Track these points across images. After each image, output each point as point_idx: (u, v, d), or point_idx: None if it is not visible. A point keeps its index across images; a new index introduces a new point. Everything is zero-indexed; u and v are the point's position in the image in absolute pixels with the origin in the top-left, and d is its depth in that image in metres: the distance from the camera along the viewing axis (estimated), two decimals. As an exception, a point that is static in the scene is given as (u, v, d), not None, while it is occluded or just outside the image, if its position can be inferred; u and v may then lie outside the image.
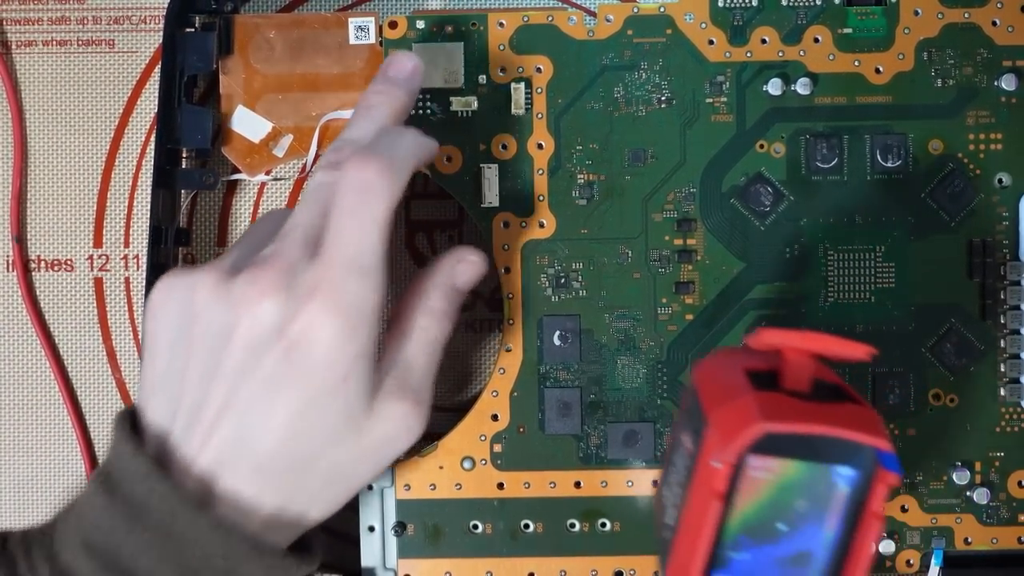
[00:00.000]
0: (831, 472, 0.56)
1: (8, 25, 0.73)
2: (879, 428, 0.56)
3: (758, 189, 0.69)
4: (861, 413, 0.57)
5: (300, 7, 0.73)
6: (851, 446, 0.55)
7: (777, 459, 0.55)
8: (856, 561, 0.56)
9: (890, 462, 0.56)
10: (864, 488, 0.56)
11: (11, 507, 0.73)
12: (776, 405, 0.56)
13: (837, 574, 0.57)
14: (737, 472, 0.55)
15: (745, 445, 0.55)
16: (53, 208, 0.73)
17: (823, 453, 0.56)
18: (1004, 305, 0.70)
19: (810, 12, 0.69)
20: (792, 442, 0.55)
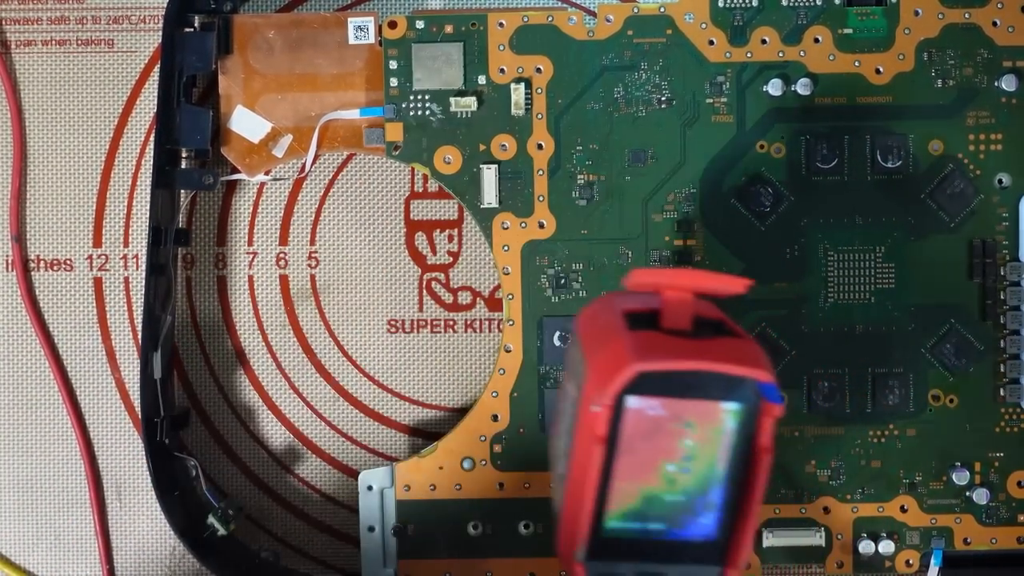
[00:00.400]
0: (716, 409, 0.55)
1: (7, 25, 0.72)
2: (759, 360, 0.55)
3: (758, 190, 0.69)
4: (741, 347, 0.56)
5: (299, 7, 0.73)
6: (732, 381, 0.54)
7: (658, 399, 0.54)
8: (750, 498, 0.55)
9: (771, 393, 0.54)
10: (752, 423, 0.55)
11: (11, 507, 0.73)
12: (651, 344, 0.55)
13: (732, 513, 0.56)
14: (618, 415, 0.55)
15: (620, 386, 0.54)
16: (52, 208, 0.73)
17: (705, 390, 0.55)
18: (1004, 306, 0.70)
19: (810, 12, 0.69)
20: (672, 381, 0.54)
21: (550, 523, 0.70)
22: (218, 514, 0.71)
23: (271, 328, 0.73)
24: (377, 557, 0.70)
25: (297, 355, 0.73)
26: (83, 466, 0.73)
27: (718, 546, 0.56)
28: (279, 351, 0.73)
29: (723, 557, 0.56)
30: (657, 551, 0.56)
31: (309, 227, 0.73)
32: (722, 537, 0.56)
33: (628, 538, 0.56)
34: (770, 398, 0.55)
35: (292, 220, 0.73)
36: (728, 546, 0.56)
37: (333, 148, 0.71)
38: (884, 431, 0.70)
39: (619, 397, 0.54)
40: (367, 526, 0.70)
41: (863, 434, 0.70)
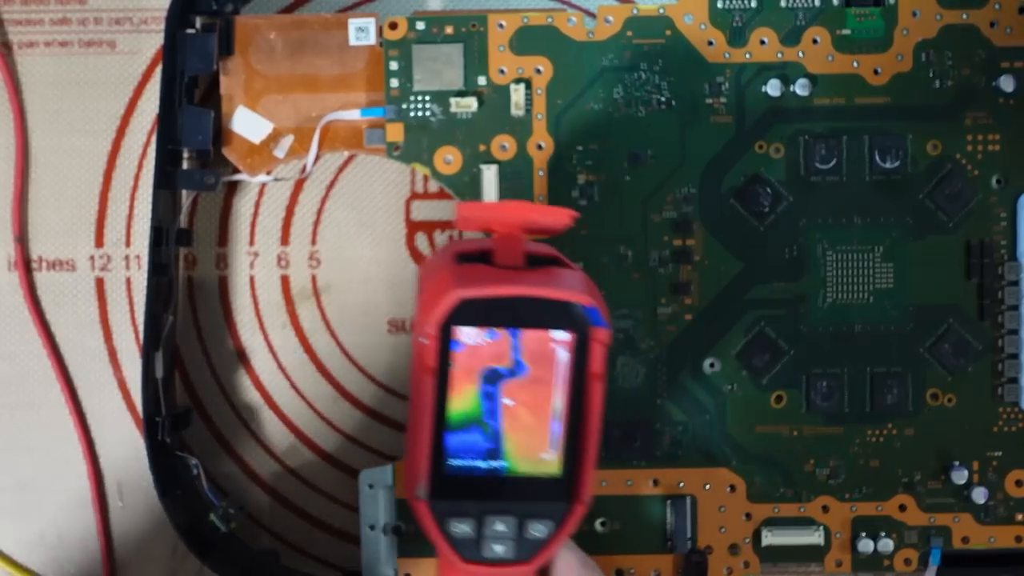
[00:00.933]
0: (546, 338, 0.55)
1: (10, 26, 0.73)
2: (584, 287, 0.55)
3: (757, 190, 0.70)
4: (568, 276, 0.56)
5: (300, 8, 0.73)
6: (560, 310, 0.55)
7: (487, 329, 0.55)
8: (587, 424, 0.56)
9: (596, 317, 0.55)
10: (585, 353, 0.55)
11: (11, 507, 0.73)
12: (475, 275, 0.55)
13: (572, 441, 0.56)
14: (446, 346, 0.55)
15: (443, 314, 0.54)
16: (55, 208, 0.73)
17: (536, 320, 0.55)
18: (1002, 305, 0.70)
19: (809, 13, 0.69)
20: (501, 312, 0.55)
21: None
22: (219, 513, 0.71)
23: (272, 328, 0.73)
24: (377, 556, 0.70)
25: (298, 355, 0.73)
26: (85, 465, 0.73)
27: (563, 482, 0.56)
28: (280, 351, 0.73)
29: (569, 493, 0.57)
30: (502, 489, 0.57)
31: (310, 227, 0.73)
32: (566, 472, 0.56)
33: (472, 476, 0.56)
34: (595, 322, 0.55)
35: (293, 220, 0.73)
36: (573, 481, 0.56)
37: (334, 149, 0.71)
38: (883, 430, 0.70)
39: (447, 328, 0.54)
40: (367, 525, 0.70)
41: (862, 433, 0.70)
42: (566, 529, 0.57)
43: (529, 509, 0.57)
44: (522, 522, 0.57)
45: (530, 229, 0.57)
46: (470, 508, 0.57)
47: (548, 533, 0.57)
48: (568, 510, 0.57)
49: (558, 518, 0.57)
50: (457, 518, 0.57)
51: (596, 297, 0.56)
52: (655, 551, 0.70)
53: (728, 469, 0.70)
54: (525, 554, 0.57)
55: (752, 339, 0.70)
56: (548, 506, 0.57)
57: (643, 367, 0.70)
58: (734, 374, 0.70)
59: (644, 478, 0.70)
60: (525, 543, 0.57)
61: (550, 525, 0.57)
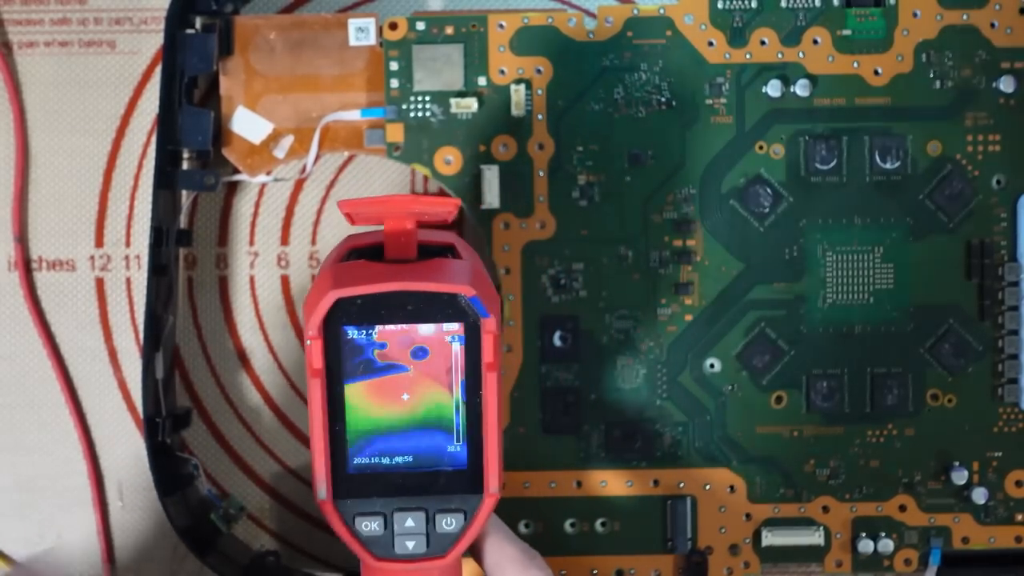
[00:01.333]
0: (438, 331, 0.55)
1: (10, 26, 0.73)
2: (469, 277, 0.55)
3: (757, 190, 0.70)
4: (456, 267, 0.56)
5: (300, 8, 0.73)
6: (445, 300, 0.55)
7: (377, 326, 0.55)
8: (486, 417, 0.56)
9: (480, 308, 0.55)
10: (477, 343, 0.55)
11: (13, 506, 0.73)
12: (353, 272, 0.55)
13: (474, 432, 0.56)
14: (337, 346, 0.55)
15: (321, 316, 0.54)
16: (55, 208, 0.73)
17: (422, 313, 0.55)
18: (1002, 306, 0.70)
19: (809, 14, 0.69)
20: (387, 307, 0.55)
21: (550, 521, 0.70)
22: (219, 513, 0.71)
23: (272, 328, 0.73)
24: (378, 556, 0.70)
25: (298, 355, 0.73)
26: (85, 466, 0.73)
27: (470, 474, 0.56)
28: (280, 351, 0.73)
29: (476, 484, 0.56)
30: (409, 484, 0.56)
31: (310, 228, 0.73)
32: (471, 464, 0.56)
33: (377, 473, 0.56)
34: (481, 314, 0.55)
35: (293, 221, 0.73)
36: (480, 472, 0.56)
37: (334, 149, 0.71)
38: (883, 431, 0.70)
39: (336, 329, 0.54)
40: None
41: (862, 434, 0.70)
42: (477, 521, 0.57)
43: (438, 503, 0.57)
44: (432, 516, 0.57)
45: (419, 221, 0.56)
46: (378, 506, 0.56)
47: (459, 526, 0.57)
48: (478, 502, 0.57)
49: (468, 510, 0.57)
50: (365, 516, 0.56)
51: (482, 286, 0.55)
52: (655, 551, 0.70)
53: (728, 469, 0.70)
54: (438, 549, 0.57)
55: (752, 339, 0.70)
56: (457, 499, 0.57)
57: (643, 367, 0.70)
58: (734, 374, 0.70)
59: (644, 478, 0.70)
60: (437, 537, 0.57)
61: (460, 518, 0.57)
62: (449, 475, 0.56)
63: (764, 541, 0.70)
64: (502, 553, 0.60)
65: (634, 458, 0.70)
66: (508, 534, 0.60)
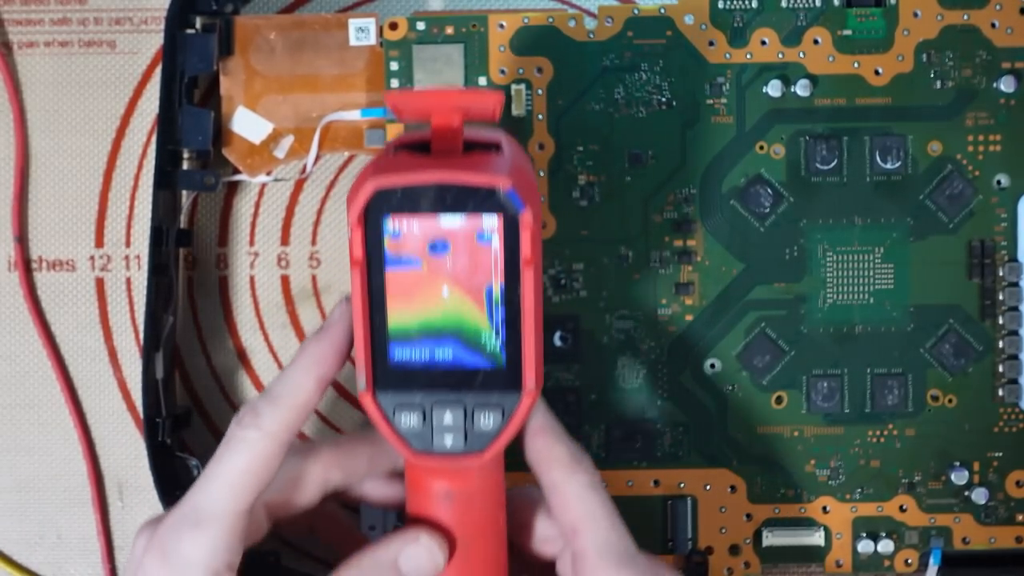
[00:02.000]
0: (476, 225, 0.55)
1: (10, 26, 0.73)
2: (510, 170, 0.55)
3: (758, 190, 0.70)
4: (497, 160, 0.56)
5: (300, 8, 0.73)
6: (484, 194, 0.55)
7: (417, 217, 0.55)
8: (524, 314, 0.56)
9: (516, 201, 0.55)
10: (515, 237, 0.55)
11: (13, 507, 0.73)
12: (393, 164, 0.55)
13: (513, 330, 0.56)
14: (378, 237, 0.55)
15: (361, 206, 0.54)
16: (55, 208, 0.73)
17: (462, 206, 0.55)
18: (1003, 306, 0.70)
19: (810, 14, 0.69)
20: (427, 199, 0.55)
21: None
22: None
23: (272, 328, 0.73)
24: (378, 556, 0.70)
25: (298, 355, 0.73)
26: (85, 466, 0.73)
27: (509, 371, 0.56)
28: (280, 351, 0.73)
29: (515, 383, 0.57)
30: (449, 380, 0.57)
31: (310, 228, 0.73)
32: (510, 362, 0.56)
33: (418, 368, 0.57)
34: (518, 207, 0.55)
35: (293, 221, 0.73)
36: (519, 370, 0.56)
37: (334, 149, 0.71)
38: (883, 431, 0.70)
39: (376, 219, 0.55)
40: (367, 525, 0.70)
41: (862, 434, 0.70)
42: (515, 420, 0.57)
43: (476, 400, 0.57)
44: (471, 413, 0.57)
45: (465, 116, 0.56)
46: (417, 399, 0.57)
47: (497, 424, 0.57)
48: (516, 400, 0.57)
49: (507, 408, 0.57)
50: (405, 410, 0.57)
51: (521, 180, 0.55)
52: (656, 552, 0.70)
53: (729, 470, 0.70)
54: (476, 445, 0.57)
55: (753, 340, 0.70)
56: (495, 396, 0.57)
57: (644, 367, 0.70)
58: (735, 374, 0.70)
59: (645, 479, 0.70)
60: (475, 434, 0.57)
61: (498, 415, 0.57)
62: (488, 372, 0.57)
63: (764, 541, 0.70)
64: (550, 452, 0.60)
65: (634, 458, 0.70)
66: (558, 434, 0.60)
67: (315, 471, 0.61)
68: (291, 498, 0.61)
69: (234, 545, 0.58)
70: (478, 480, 0.59)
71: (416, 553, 0.59)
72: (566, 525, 0.60)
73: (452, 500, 0.59)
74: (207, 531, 0.58)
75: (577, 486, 0.59)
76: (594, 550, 0.59)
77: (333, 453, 0.62)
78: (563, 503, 0.60)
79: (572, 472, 0.60)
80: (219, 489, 0.58)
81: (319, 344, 0.59)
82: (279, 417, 0.58)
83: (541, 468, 0.60)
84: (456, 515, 0.59)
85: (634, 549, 0.60)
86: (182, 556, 0.58)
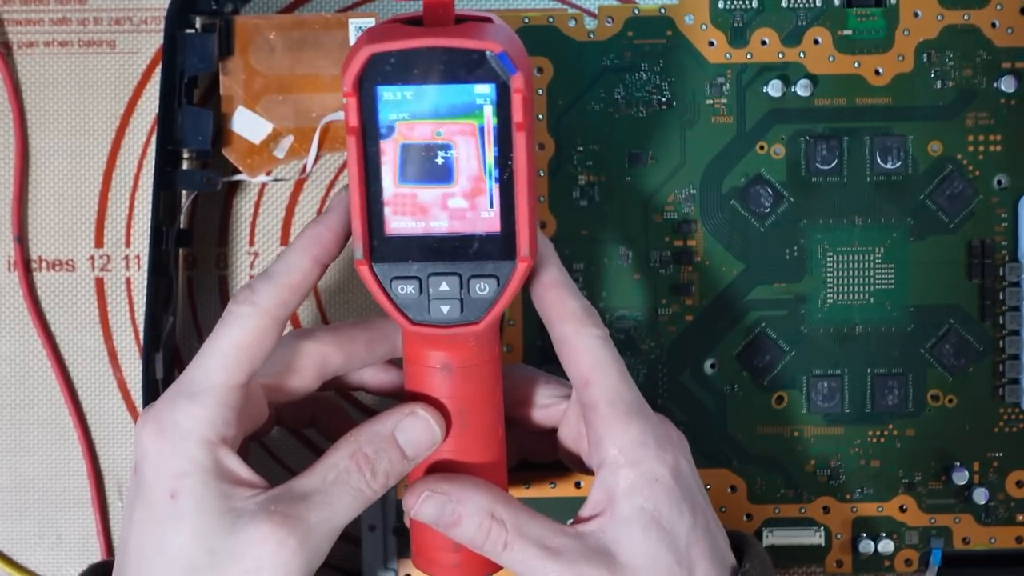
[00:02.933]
0: (468, 91, 0.56)
1: (9, 26, 0.73)
2: (502, 37, 0.55)
3: (758, 190, 0.70)
4: (489, 29, 0.56)
5: (300, 8, 0.73)
6: (476, 61, 0.55)
7: (410, 85, 0.55)
8: (517, 181, 0.56)
9: (508, 65, 0.55)
10: (508, 102, 0.56)
11: (13, 507, 0.73)
12: (387, 32, 0.55)
13: (506, 200, 0.57)
14: (372, 105, 0.55)
15: (357, 71, 0.55)
16: (54, 208, 0.73)
17: (454, 74, 0.55)
18: (1003, 306, 0.70)
19: (810, 14, 0.69)
20: (419, 68, 0.55)
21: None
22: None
23: (272, 328, 0.73)
24: (378, 557, 0.70)
25: (298, 355, 0.73)
26: (85, 466, 0.73)
27: (503, 240, 0.57)
28: (280, 351, 0.73)
29: (511, 250, 0.57)
30: (445, 249, 0.57)
31: (310, 228, 0.73)
32: (505, 230, 0.57)
33: (414, 237, 0.57)
34: (509, 71, 0.55)
35: (293, 221, 0.73)
36: (513, 239, 0.57)
37: (334, 149, 0.71)
38: (883, 431, 0.70)
39: (370, 88, 0.55)
40: (368, 525, 0.70)
41: (862, 434, 0.70)
42: (510, 288, 0.58)
43: (472, 269, 0.57)
44: (467, 282, 0.58)
45: None
46: (413, 269, 0.57)
47: (493, 292, 0.58)
48: (511, 268, 0.57)
49: (501, 277, 0.57)
50: (401, 280, 0.58)
51: (514, 47, 0.56)
52: (656, 552, 0.70)
53: (729, 470, 0.70)
54: (472, 314, 0.58)
55: (753, 340, 0.70)
56: (491, 265, 0.57)
57: (644, 367, 0.70)
58: (735, 375, 0.70)
59: (645, 479, 0.70)
60: (471, 303, 0.58)
61: (493, 284, 0.57)
62: (483, 240, 0.57)
63: (765, 541, 0.70)
64: (563, 306, 0.60)
65: (634, 458, 0.70)
66: (570, 288, 0.61)
67: (313, 353, 0.61)
68: (289, 380, 0.61)
69: (229, 418, 0.58)
70: (475, 351, 0.59)
71: (413, 424, 0.60)
72: (577, 377, 0.60)
73: (449, 372, 0.59)
74: (201, 402, 0.58)
75: (588, 338, 0.60)
76: (605, 400, 0.60)
77: (331, 336, 0.62)
78: (574, 355, 0.60)
79: (583, 325, 0.60)
80: (213, 362, 0.58)
81: (316, 226, 0.60)
82: (273, 293, 0.59)
83: (553, 321, 0.61)
84: (453, 387, 0.59)
85: (643, 401, 0.60)
86: (177, 426, 0.58)
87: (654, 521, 0.58)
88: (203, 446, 0.58)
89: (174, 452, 0.58)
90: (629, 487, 0.59)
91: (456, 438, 0.60)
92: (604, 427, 0.59)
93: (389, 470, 0.59)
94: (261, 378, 0.61)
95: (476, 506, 0.59)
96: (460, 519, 0.59)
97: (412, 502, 0.60)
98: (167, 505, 0.57)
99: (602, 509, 0.59)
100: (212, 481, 0.58)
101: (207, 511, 0.57)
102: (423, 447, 0.60)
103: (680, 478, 0.59)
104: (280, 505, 0.58)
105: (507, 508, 0.59)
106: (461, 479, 0.60)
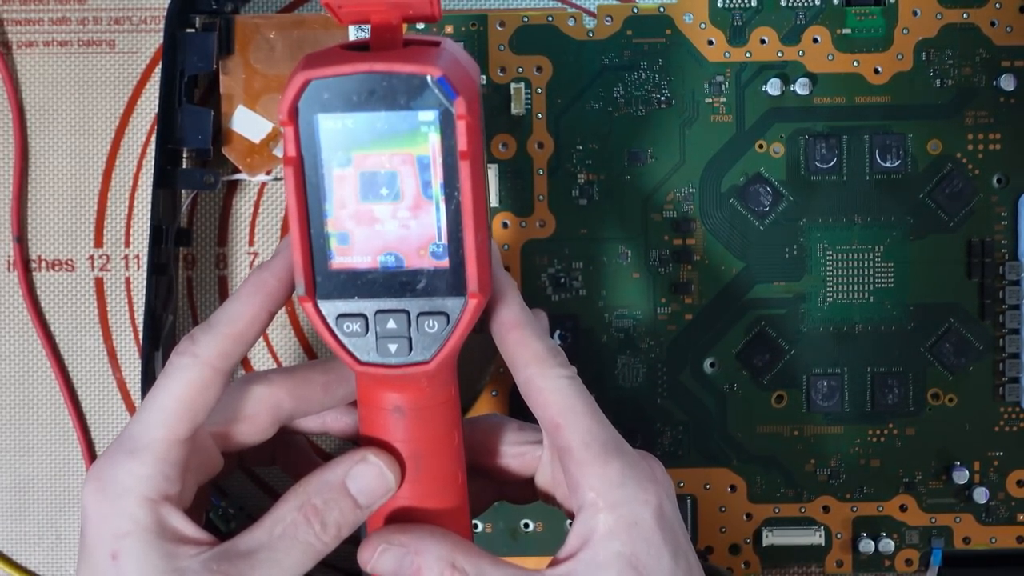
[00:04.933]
0: (411, 118, 0.53)
1: (9, 25, 0.73)
2: (444, 61, 0.53)
3: (757, 189, 0.70)
4: (431, 53, 0.53)
5: (300, 8, 0.73)
6: (419, 88, 0.52)
7: (351, 114, 0.53)
8: (464, 211, 0.53)
9: (448, 90, 0.52)
10: (452, 130, 0.53)
11: (12, 506, 0.73)
12: (326, 57, 0.53)
13: (455, 233, 0.54)
14: (312, 136, 0.53)
15: (292, 98, 0.52)
16: (54, 208, 0.73)
17: (397, 102, 0.53)
18: (1003, 305, 0.70)
19: (809, 12, 0.69)
20: (361, 94, 0.52)
21: (549, 521, 0.70)
22: (219, 513, 0.71)
23: (272, 328, 0.73)
24: (377, 556, 0.70)
25: (298, 355, 0.73)
26: (84, 466, 0.73)
27: (452, 275, 0.54)
28: (280, 351, 0.73)
29: (460, 286, 0.54)
30: (393, 286, 0.55)
31: (310, 227, 0.73)
32: (454, 264, 0.54)
33: (359, 274, 0.54)
34: (450, 96, 0.52)
35: (293, 220, 0.73)
36: (462, 272, 0.54)
37: (334, 148, 0.71)
38: (883, 430, 0.70)
39: (309, 117, 0.53)
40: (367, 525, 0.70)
41: (862, 433, 0.70)
42: (461, 326, 0.55)
43: (420, 305, 0.55)
44: (415, 319, 0.55)
45: (404, 16, 0.55)
46: (359, 306, 0.55)
47: (443, 330, 0.55)
48: (460, 305, 0.55)
49: (451, 314, 0.55)
50: (347, 318, 0.55)
51: (457, 72, 0.53)
52: (655, 551, 0.70)
53: (728, 469, 0.70)
54: (421, 354, 0.55)
55: (752, 339, 0.70)
56: (440, 301, 0.55)
57: (643, 367, 0.70)
58: (734, 374, 0.70)
59: (644, 478, 0.70)
60: (421, 341, 0.55)
61: (443, 321, 0.55)
62: (431, 275, 0.54)
63: (764, 541, 0.70)
64: (526, 349, 0.58)
65: (634, 458, 0.70)
66: (533, 328, 0.58)
67: (265, 399, 0.59)
68: (240, 428, 0.59)
69: (170, 474, 0.56)
70: (428, 392, 0.56)
71: (365, 471, 0.57)
72: (547, 422, 0.58)
73: (402, 415, 0.56)
74: (141, 459, 0.56)
75: (555, 379, 0.57)
76: (578, 442, 0.57)
77: (285, 380, 0.59)
78: (541, 399, 0.58)
79: (549, 367, 0.58)
80: (153, 417, 0.56)
81: (260, 273, 0.57)
82: (214, 344, 0.56)
83: (517, 364, 0.58)
84: (407, 431, 0.57)
85: (619, 439, 0.58)
86: (117, 484, 0.56)
87: (631, 567, 0.56)
88: (144, 505, 0.56)
89: (114, 511, 0.56)
90: (607, 532, 0.56)
91: (413, 483, 0.57)
92: (579, 470, 0.57)
93: (341, 521, 0.57)
94: (211, 427, 0.58)
95: (435, 556, 0.57)
96: (419, 571, 0.57)
97: (368, 555, 0.57)
98: (108, 566, 0.56)
99: (576, 552, 0.57)
100: (154, 541, 0.55)
101: (149, 572, 0.55)
102: (376, 495, 0.57)
103: (662, 520, 0.57)
104: (223, 564, 0.55)
105: (468, 557, 0.57)
106: (419, 529, 0.57)
